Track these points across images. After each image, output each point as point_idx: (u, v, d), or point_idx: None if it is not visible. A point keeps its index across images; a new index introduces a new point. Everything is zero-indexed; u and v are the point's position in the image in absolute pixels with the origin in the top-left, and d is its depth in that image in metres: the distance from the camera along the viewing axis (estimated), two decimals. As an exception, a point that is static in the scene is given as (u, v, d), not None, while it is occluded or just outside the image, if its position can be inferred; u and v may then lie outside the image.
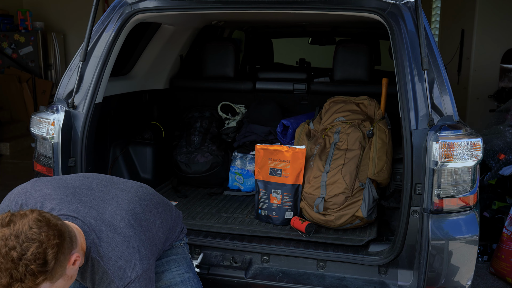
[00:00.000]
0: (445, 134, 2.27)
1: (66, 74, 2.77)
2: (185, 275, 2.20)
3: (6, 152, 7.95)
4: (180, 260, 2.25)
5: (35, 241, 1.41)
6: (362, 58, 3.69)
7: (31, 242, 1.40)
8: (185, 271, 2.22)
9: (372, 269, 2.54)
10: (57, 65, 9.42)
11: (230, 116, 3.98)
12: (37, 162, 2.72)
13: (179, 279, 2.17)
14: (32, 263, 1.39)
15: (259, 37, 6.28)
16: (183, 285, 2.16)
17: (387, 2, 2.54)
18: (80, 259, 1.63)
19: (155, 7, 2.75)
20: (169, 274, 2.18)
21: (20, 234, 1.41)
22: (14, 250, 1.38)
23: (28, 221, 1.45)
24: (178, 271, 2.20)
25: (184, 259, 2.28)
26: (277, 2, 2.65)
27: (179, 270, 2.21)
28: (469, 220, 2.37)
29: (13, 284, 1.38)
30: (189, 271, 2.24)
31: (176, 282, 2.16)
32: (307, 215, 2.94)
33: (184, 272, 2.21)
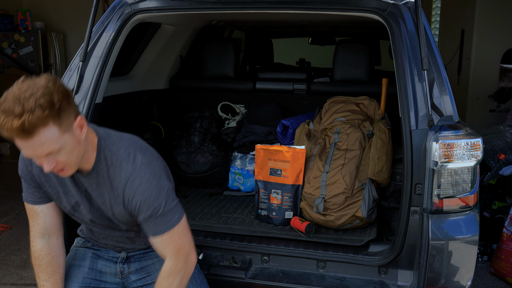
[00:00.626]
0: (445, 134, 2.27)
1: (66, 74, 2.76)
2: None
3: (6, 152, 7.95)
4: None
5: (44, 86, 1.64)
6: (362, 58, 3.70)
7: (40, 87, 1.63)
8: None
9: (372, 269, 2.54)
10: (57, 65, 9.41)
11: (230, 116, 3.98)
12: (37, 163, 2.71)
13: None
14: (40, 98, 1.60)
15: (259, 37, 6.28)
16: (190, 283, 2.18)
17: (387, 2, 2.54)
18: (85, 125, 1.79)
19: (155, 7, 2.75)
20: None
21: (32, 83, 1.66)
22: (26, 91, 1.62)
23: (40, 77, 1.70)
24: None
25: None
26: (276, 2, 2.65)
27: None
28: (469, 220, 2.37)
29: (24, 114, 1.57)
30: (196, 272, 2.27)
31: None
32: (307, 215, 2.94)
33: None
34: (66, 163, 1.77)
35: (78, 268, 2.22)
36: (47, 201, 2.06)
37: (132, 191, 1.88)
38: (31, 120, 1.58)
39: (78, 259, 2.25)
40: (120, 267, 2.25)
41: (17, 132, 1.60)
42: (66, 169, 1.79)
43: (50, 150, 1.68)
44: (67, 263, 2.25)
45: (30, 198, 2.05)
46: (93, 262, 2.24)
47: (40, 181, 2.00)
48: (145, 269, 2.26)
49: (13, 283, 3.75)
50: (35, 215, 2.07)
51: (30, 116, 1.58)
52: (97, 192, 1.97)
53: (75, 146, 1.76)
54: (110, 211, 1.99)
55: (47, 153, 1.69)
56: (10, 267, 4.00)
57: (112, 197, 1.95)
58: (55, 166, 1.75)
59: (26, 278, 3.83)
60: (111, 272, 2.25)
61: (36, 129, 1.61)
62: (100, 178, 1.93)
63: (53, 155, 1.71)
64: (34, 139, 1.63)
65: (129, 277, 2.25)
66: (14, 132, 1.60)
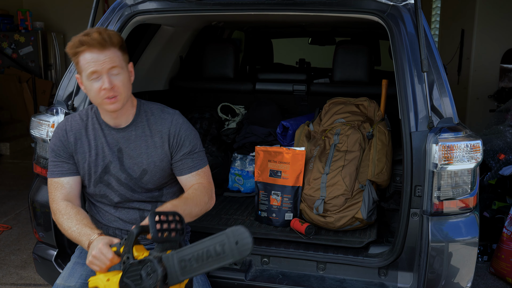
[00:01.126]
0: (444, 136, 2.27)
1: (66, 76, 2.76)
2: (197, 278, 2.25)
3: (6, 152, 7.95)
4: None
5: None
6: (361, 59, 3.69)
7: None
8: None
9: (372, 271, 2.54)
10: (57, 65, 9.42)
11: (230, 117, 3.98)
12: (37, 164, 2.72)
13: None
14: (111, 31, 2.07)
15: (259, 37, 6.27)
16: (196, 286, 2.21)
17: (387, 4, 2.54)
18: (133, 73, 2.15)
19: (155, 9, 2.75)
20: None
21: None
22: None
23: None
24: None
25: None
26: (276, 4, 2.65)
27: None
28: (469, 222, 2.37)
29: (105, 31, 2.02)
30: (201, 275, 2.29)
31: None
32: (307, 216, 2.95)
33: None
34: (119, 92, 2.05)
35: (82, 266, 2.23)
36: (73, 174, 2.22)
37: (178, 127, 2.21)
38: (110, 36, 2.01)
39: (83, 258, 2.27)
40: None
41: (97, 41, 1.98)
42: (118, 98, 2.06)
43: (114, 65, 2.02)
44: (72, 260, 2.29)
45: (57, 171, 2.20)
46: None
47: (74, 149, 2.20)
48: None
49: (13, 283, 3.76)
50: (60, 186, 2.20)
51: (109, 32, 2.02)
52: (134, 144, 2.20)
53: (127, 80, 2.09)
54: (146, 161, 2.19)
55: (111, 66, 2.01)
56: (10, 267, 4.01)
57: (151, 144, 2.20)
58: (112, 89, 2.02)
59: (26, 278, 3.83)
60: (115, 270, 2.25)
61: (109, 46, 2.01)
62: (139, 129, 2.20)
63: (114, 74, 2.03)
64: (105, 52, 2.00)
65: None
66: (95, 41, 1.97)
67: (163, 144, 2.20)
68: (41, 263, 2.77)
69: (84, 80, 2.06)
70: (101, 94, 2.03)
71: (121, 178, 2.22)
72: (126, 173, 2.21)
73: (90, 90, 2.06)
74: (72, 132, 2.21)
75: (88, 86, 2.05)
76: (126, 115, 2.20)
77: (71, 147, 2.21)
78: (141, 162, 2.19)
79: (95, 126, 2.23)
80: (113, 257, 1.87)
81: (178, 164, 2.22)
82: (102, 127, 2.22)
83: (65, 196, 2.19)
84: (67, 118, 2.28)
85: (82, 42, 1.99)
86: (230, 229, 1.60)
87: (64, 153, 2.21)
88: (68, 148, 2.21)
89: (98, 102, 2.09)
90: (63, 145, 2.20)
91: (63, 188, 2.20)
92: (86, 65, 2.01)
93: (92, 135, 2.22)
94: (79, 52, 2.01)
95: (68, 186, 2.20)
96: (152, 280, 1.69)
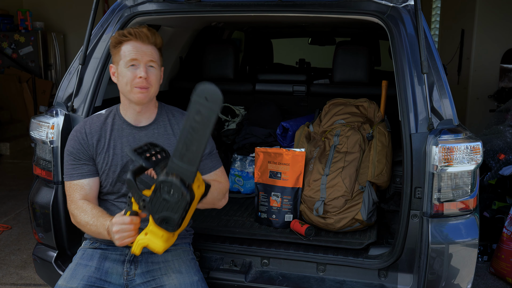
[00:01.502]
0: (444, 138, 2.27)
1: (66, 77, 2.76)
2: (194, 278, 2.26)
3: (6, 152, 7.95)
4: (190, 264, 2.33)
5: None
6: (361, 60, 3.69)
7: None
8: (194, 275, 2.28)
9: (372, 273, 2.53)
10: (57, 65, 9.42)
11: (229, 118, 3.98)
12: (37, 166, 2.71)
13: (189, 281, 2.23)
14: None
15: (259, 38, 6.27)
16: (191, 287, 2.21)
17: (387, 5, 2.54)
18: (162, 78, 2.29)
19: (154, 10, 2.75)
20: (179, 276, 2.24)
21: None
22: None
23: None
24: (188, 274, 2.26)
25: (194, 263, 2.36)
26: (276, 5, 2.65)
27: (189, 273, 2.27)
28: (469, 224, 2.37)
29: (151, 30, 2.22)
30: (197, 274, 2.30)
31: (185, 284, 2.21)
32: (307, 218, 2.94)
33: (193, 275, 2.27)
34: (151, 84, 2.19)
35: (85, 267, 2.24)
36: (94, 175, 2.28)
37: None
38: (155, 36, 2.21)
39: (85, 259, 2.28)
40: (127, 267, 2.27)
41: (144, 34, 2.16)
42: (148, 89, 2.19)
43: (151, 58, 2.19)
44: (74, 261, 2.29)
45: (77, 173, 2.26)
46: (100, 262, 2.27)
47: (95, 151, 2.27)
48: (151, 273, 2.27)
49: (13, 283, 3.76)
50: (80, 188, 2.26)
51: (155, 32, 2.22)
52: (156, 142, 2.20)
53: (159, 78, 2.25)
54: None
55: (149, 59, 2.18)
56: (10, 267, 4.01)
57: (174, 142, 2.24)
58: (146, 78, 2.17)
59: (26, 278, 3.83)
60: (118, 272, 2.26)
61: (152, 42, 2.19)
62: (161, 128, 2.31)
63: (150, 67, 2.19)
64: (147, 46, 2.18)
65: (134, 279, 2.26)
66: (143, 33, 2.16)
67: None
68: (41, 264, 2.76)
69: (121, 67, 2.19)
70: (135, 81, 2.17)
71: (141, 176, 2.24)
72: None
73: (123, 77, 2.19)
74: (91, 134, 2.28)
75: (123, 73, 2.19)
76: (149, 113, 2.31)
77: (92, 149, 2.27)
78: None
79: (114, 126, 2.30)
80: (131, 219, 1.91)
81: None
82: (123, 126, 2.30)
83: (83, 196, 2.26)
84: (85, 120, 2.35)
85: (130, 32, 2.17)
86: (193, 95, 1.72)
87: (84, 155, 2.27)
88: (89, 150, 2.27)
89: (127, 89, 2.20)
90: (83, 148, 2.27)
91: (83, 189, 2.26)
92: (128, 53, 2.16)
93: (111, 134, 2.29)
94: (123, 41, 2.18)
95: (88, 188, 2.27)
96: (176, 192, 1.72)
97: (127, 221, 1.91)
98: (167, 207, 1.75)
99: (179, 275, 2.24)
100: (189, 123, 1.70)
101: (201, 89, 1.71)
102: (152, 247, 1.86)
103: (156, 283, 2.23)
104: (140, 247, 1.88)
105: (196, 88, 1.70)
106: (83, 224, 2.19)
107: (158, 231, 1.83)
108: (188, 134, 1.70)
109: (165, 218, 1.77)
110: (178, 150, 1.73)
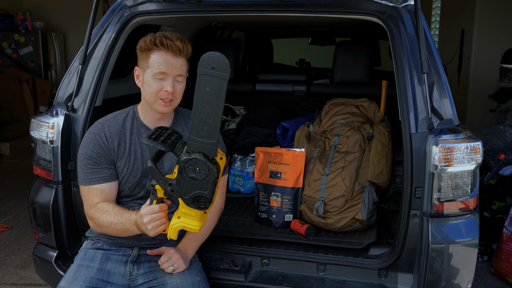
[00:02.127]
0: (445, 138, 2.27)
1: (66, 77, 2.76)
2: (196, 278, 2.26)
3: (6, 152, 7.95)
4: (193, 265, 2.33)
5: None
6: (361, 60, 3.69)
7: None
8: (196, 275, 2.28)
9: (372, 273, 2.53)
10: (57, 65, 9.42)
11: (230, 118, 3.98)
12: (37, 166, 2.71)
13: (191, 281, 2.23)
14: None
15: (259, 38, 6.27)
16: (193, 287, 2.21)
17: (387, 5, 2.54)
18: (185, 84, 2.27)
19: (154, 10, 2.75)
20: (182, 275, 2.25)
21: None
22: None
23: None
24: (190, 274, 2.27)
25: (196, 264, 2.36)
26: (276, 5, 2.65)
27: (191, 273, 2.28)
28: (469, 223, 2.37)
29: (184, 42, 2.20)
30: (199, 275, 2.30)
31: (187, 284, 2.21)
32: (307, 218, 2.94)
33: (195, 275, 2.28)
34: (176, 97, 2.19)
35: (87, 268, 2.24)
36: (114, 179, 2.25)
37: None
38: (187, 47, 2.19)
39: (87, 260, 2.28)
40: (130, 268, 2.27)
41: (176, 47, 2.14)
42: (173, 102, 2.20)
43: (180, 73, 2.18)
44: (76, 263, 2.29)
45: (98, 178, 2.21)
46: (103, 263, 2.26)
47: (116, 155, 2.24)
48: (153, 273, 2.27)
49: (13, 283, 3.76)
50: (100, 192, 2.22)
51: (187, 43, 2.20)
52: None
53: (184, 89, 2.24)
54: None
55: (177, 74, 2.17)
56: (10, 267, 4.01)
57: None
58: (172, 92, 2.16)
59: (26, 278, 3.83)
60: (120, 273, 2.26)
61: (183, 55, 2.19)
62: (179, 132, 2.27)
63: (177, 80, 2.18)
64: (178, 59, 2.16)
65: (137, 279, 2.26)
66: (176, 47, 2.14)
67: None
68: (41, 264, 2.76)
69: (147, 76, 2.16)
70: (160, 94, 2.15)
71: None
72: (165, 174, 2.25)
73: (149, 87, 2.16)
74: (112, 138, 2.24)
75: (149, 83, 2.16)
76: (168, 118, 2.33)
77: (113, 153, 2.24)
78: None
79: (133, 130, 2.28)
80: (160, 206, 1.92)
81: None
82: (141, 130, 2.28)
83: (103, 199, 2.22)
84: (102, 123, 2.29)
85: (162, 43, 2.12)
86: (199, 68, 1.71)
87: (105, 159, 2.23)
88: (110, 154, 2.23)
89: (151, 100, 2.19)
90: (104, 152, 2.23)
91: (103, 193, 2.22)
92: (157, 64, 2.13)
93: (131, 138, 2.27)
94: (154, 50, 2.14)
95: (109, 192, 2.23)
96: (202, 169, 1.73)
97: (156, 209, 1.91)
98: (196, 185, 1.74)
99: (181, 275, 2.24)
100: (200, 97, 1.69)
101: (206, 59, 1.67)
102: (189, 228, 1.86)
103: (158, 282, 2.24)
104: (175, 231, 1.88)
105: (201, 59, 1.67)
106: (106, 225, 2.15)
107: (191, 212, 1.82)
108: (202, 108, 1.70)
109: (197, 197, 1.76)
110: (194, 126, 1.73)
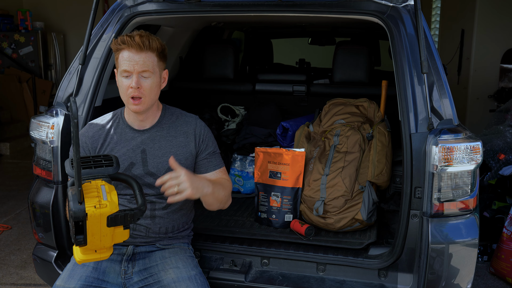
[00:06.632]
0: (444, 138, 2.27)
1: (66, 77, 2.76)
2: (191, 273, 2.27)
3: (6, 152, 7.95)
4: (188, 260, 2.35)
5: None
6: (361, 60, 3.69)
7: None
8: (191, 269, 2.30)
9: (372, 273, 2.53)
10: (57, 65, 9.42)
11: (229, 118, 3.98)
12: (37, 166, 2.72)
13: (186, 275, 2.24)
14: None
15: (259, 38, 6.27)
16: (189, 281, 2.22)
17: (387, 5, 2.54)
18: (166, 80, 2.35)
19: (154, 10, 2.75)
20: (177, 271, 2.26)
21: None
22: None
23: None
24: (186, 269, 2.28)
25: (191, 260, 2.39)
26: (276, 5, 2.65)
27: (186, 268, 2.29)
28: (469, 223, 2.37)
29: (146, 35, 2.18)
30: (195, 269, 2.32)
31: (183, 278, 2.22)
32: (307, 218, 2.94)
33: (190, 269, 2.29)
34: (144, 94, 2.20)
35: (82, 267, 2.25)
36: None
37: (202, 129, 2.40)
38: (149, 42, 2.16)
39: None
40: (125, 266, 2.29)
41: (136, 43, 2.13)
42: (142, 100, 2.21)
43: (144, 68, 2.17)
44: (72, 261, 2.30)
45: None
46: (98, 262, 2.27)
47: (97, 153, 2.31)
48: (148, 270, 2.29)
49: (13, 283, 3.76)
50: None
51: (150, 37, 2.17)
52: (159, 144, 2.32)
53: (156, 85, 2.24)
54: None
55: (142, 70, 2.17)
56: (10, 267, 4.01)
57: (176, 143, 2.34)
58: (138, 90, 2.18)
59: (26, 278, 3.83)
60: (115, 271, 2.28)
61: (147, 50, 2.16)
62: (164, 130, 2.35)
63: (144, 77, 2.18)
64: (140, 55, 2.15)
65: (132, 277, 2.28)
66: (134, 42, 2.13)
67: (188, 144, 2.35)
68: (41, 264, 2.77)
69: (118, 75, 2.23)
70: (128, 92, 2.19)
71: (143, 178, 2.30)
72: (150, 173, 2.31)
73: (120, 86, 2.24)
74: (94, 138, 2.34)
75: (119, 82, 2.23)
76: (152, 117, 2.35)
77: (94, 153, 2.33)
78: (166, 161, 2.28)
79: (117, 130, 2.36)
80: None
81: (204, 162, 2.39)
82: (126, 129, 2.35)
83: None
84: (90, 123, 2.41)
85: (123, 41, 2.16)
86: None
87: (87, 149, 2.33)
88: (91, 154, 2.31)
89: (125, 99, 2.25)
90: (85, 152, 2.33)
91: None
92: (122, 63, 2.19)
93: (112, 138, 2.34)
94: (120, 49, 2.19)
95: None
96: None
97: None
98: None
99: (176, 270, 2.26)
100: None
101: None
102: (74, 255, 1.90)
103: (154, 279, 2.26)
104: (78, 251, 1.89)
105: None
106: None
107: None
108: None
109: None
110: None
